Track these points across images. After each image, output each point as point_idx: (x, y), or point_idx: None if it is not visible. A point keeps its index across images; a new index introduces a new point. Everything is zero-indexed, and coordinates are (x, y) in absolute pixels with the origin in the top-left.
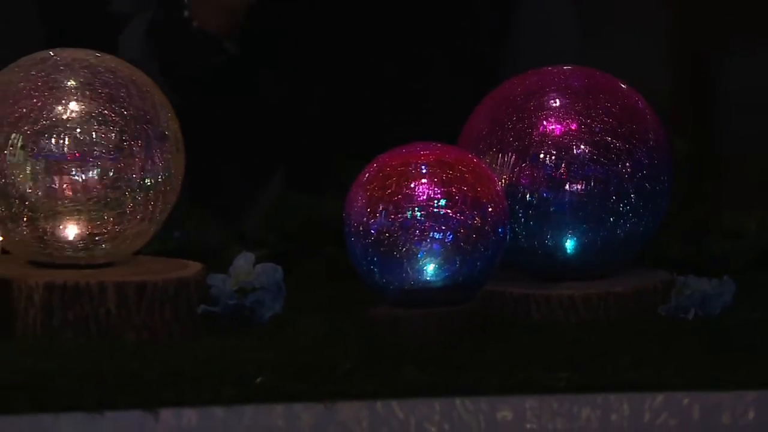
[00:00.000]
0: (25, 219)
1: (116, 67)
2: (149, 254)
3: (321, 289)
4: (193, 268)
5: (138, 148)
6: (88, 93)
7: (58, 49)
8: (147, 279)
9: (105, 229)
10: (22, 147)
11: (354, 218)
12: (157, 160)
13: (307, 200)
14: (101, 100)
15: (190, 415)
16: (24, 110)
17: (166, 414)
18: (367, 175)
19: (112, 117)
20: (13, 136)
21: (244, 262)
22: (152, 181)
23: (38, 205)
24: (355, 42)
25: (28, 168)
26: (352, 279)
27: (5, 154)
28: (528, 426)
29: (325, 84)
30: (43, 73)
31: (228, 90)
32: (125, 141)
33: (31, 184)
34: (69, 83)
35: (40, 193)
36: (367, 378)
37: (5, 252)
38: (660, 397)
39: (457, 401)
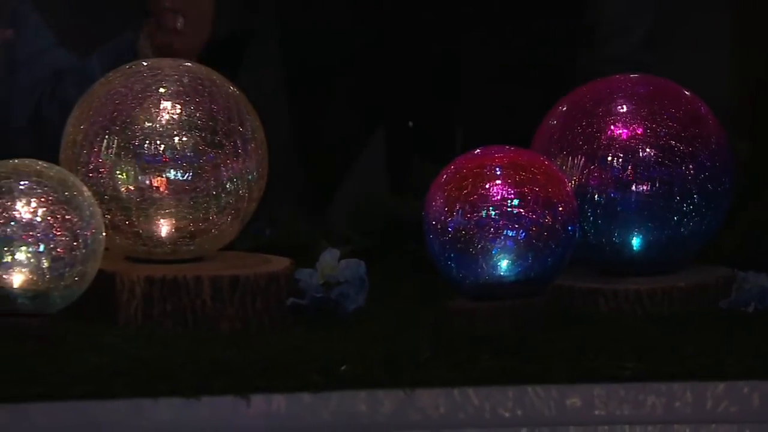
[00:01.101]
0: (122, 218)
1: (206, 74)
2: (242, 250)
3: (402, 283)
4: (282, 263)
5: (226, 150)
6: (180, 99)
7: (157, 58)
8: (240, 273)
9: (196, 226)
10: (120, 150)
11: (432, 217)
12: (244, 162)
13: (390, 200)
14: (193, 106)
15: (280, 400)
16: (121, 115)
17: (257, 399)
18: (444, 176)
19: (202, 121)
20: (112, 139)
21: (330, 258)
22: (240, 181)
23: (135, 205)
24: (433, 47)
25: (126, 170)
26: (430, 273)
27: (104, 157)
28: (596, 412)
29: (406, 89)
30: (139, 81)
31: (309, 94)
32: (215, 144)
33: (128, 184)
34: (163, 90)
35: (136, 193)
36: (444, 366)
37: (106, 248)
38: (721, 386)
39: (529, 389)
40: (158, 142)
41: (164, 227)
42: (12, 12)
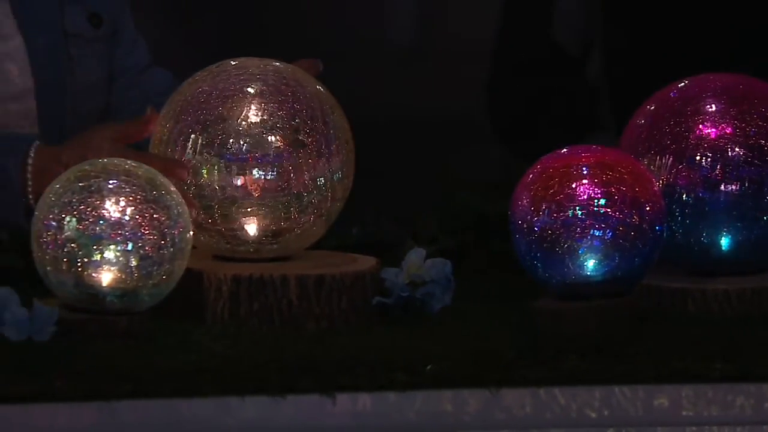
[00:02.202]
0: (209, 217)
1: (292, 74)
2: (329, 249)
3: (487, 283)
4: (368, 262)
5: (312, 150)
6: (265, 98)
7: (241, 58)
8: (326, 272)
9: (282, 225)
10: (206, 149)
11: (519, 216)
12: (328, 161)
13: (476, 199)
14: (277, 105)
15: (365, 399)
16: (207, 115)
17: (343, 398)
18: (531, 175)
19: (286, 121)
20: (199, 139)
21: (415, 257)
22: (324, 180)
23: (220, 204)
24: (520, 51)
25: (213, 169)
26: (516, 273)
27: (190, 156)
28: (684, 413)
29: (491, 89)
30: (225, 80)
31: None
32: (298, 143)
33: (215, 184)
34: (250, 89)
35: (221, 192)
36: (530, 366)
37: (193, 247)
38: None
39: (616, 389)
40: (243, 141)
41: (249, 226)
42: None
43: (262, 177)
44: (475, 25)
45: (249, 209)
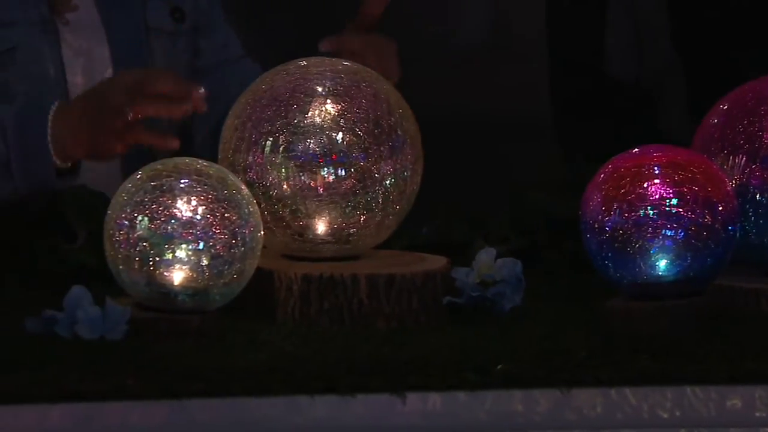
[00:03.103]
0: (280, 216)
1: (362, 74)
2: (399, 248)
3: (558, 282)
4: (438, 261)
5: (381, 149)
6: (337, 98)
7: (310, 57)
8: (396, 271)
9: (352, 224)
10: (277, 148)
11: (590, 216)
12: (399, 160)
13: (547, 199)
14: (348, 105)
15: (435, 399)
16: (278, 114)
17: (413, 398)
18: (602, 175)
19: (358, 120)
20: (269, 138)
21: (486, 257)
22: (394, 178)
23: (292, 203)
24: (590, 49)
25: (284, 168)
26: (587, 273)
27: (264, 155)
28: (757, 414)
29: (565, 90)
30: (296, 80)
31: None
32: (369, 142)
33: (285, 183)
34: (320, 89)
35: (292, 192)
36: (601, 366)
37: (264, 246)
38: None
39: (688, 389)
40: (312, 141)
41: (320, 225)
42: (204, 16)
43: (332, 176)
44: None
45: (318, 209)
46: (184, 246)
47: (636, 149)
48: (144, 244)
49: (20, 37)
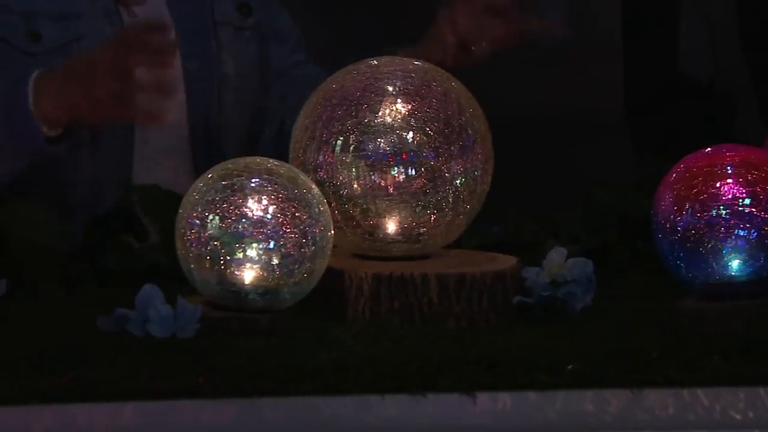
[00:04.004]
0: (350, 215)
1: (433, 74)
2: (470, 248)
3: (630, 283)
4: (509, 261)
5: (451, 149)
6: (406, 97)
7: (381, 57)
8: (466, 271)
9: (422, 224)
10: (349, 148)
11: (661, 216)
12: (469, 160)
13: (619, 199)
14: (419, 104)
15: (505, 399)
16: (349, 114)
17: (483, 397)
18: (674, 175)
19: (428, 120)
20: (340, 137)
21: (557, 256)
22: (464, 177)
23: (361, 203)
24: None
25: (354, 167)
26: (659, 273)
27: (334, 155)
28: None
29: (638, 89)
30: (366, 79)
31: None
32: (440, 141)
33: (356, 182)
34: (390, 88)
35: (363, 191)
36: (673, 366)
37: (334, 246)
38: None
39: (761, 390)
40: (385, 140)
41: (390, 225)
42: (272, 12)
43: (402, 176)
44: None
45: (389, 208)
46: (254, 245)
47: (708, 149)
48: (215, 243)
49: (86, 28)
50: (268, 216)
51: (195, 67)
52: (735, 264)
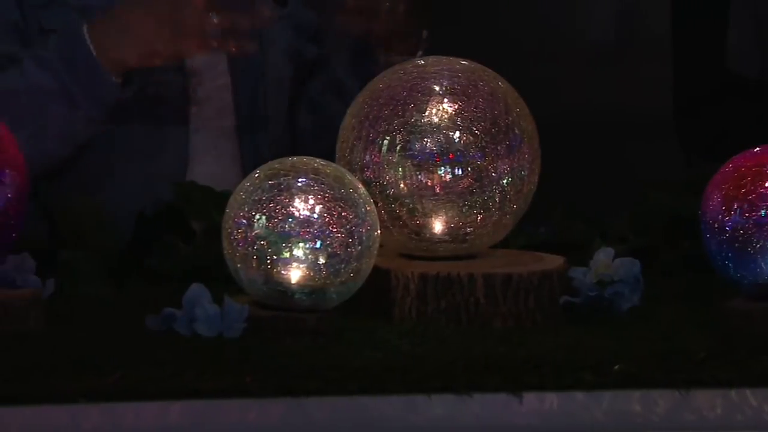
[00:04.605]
0: (397, 215)
1: (480, 73)
2: (517, 248)
3: (677, 282)
4: (555, 261)
5: (498, 148)
6: (453, 97)
7: (430, 57)
8: (513, 271)
9: (469, 223)
10: (396, 148)
11: (709, 216)
12: (516, 159)
13: (667, 198)
14: (465, 104)
15: (552, 399)
16: (395, 113)
17: (530, 397)
18: (722, 175)
19: (475, 119)
20: (386, 137)
21: (604, 256)
22: (511, 177)
23: (408, 202)
24: (713, 47)
25: (401, 167)
26: (707, 273)
27: (381, 154)
28: None
29: (687, 88)
30: (413, 79)
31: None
32: (487, 141)
33: (402, 182)
34: (437, 88)
35: (409, 191)
36: (721, 367)
37: (380, 245)
38: None
39: None
40: (432, 139)
41: (437, 224)
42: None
43: (449, 175)
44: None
45: (435, 208)
46: (301, 244)
47: (757, 148)
48: (262, 242)
49: None
50: (315, 215)
51: (240, 58)
52: None
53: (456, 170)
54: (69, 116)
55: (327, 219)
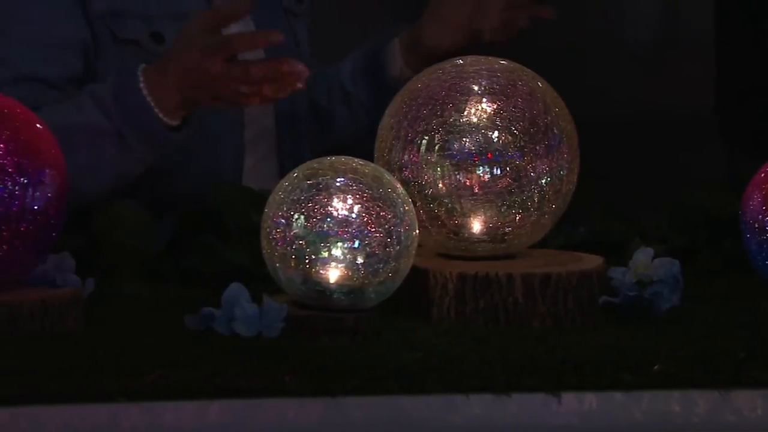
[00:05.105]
0: (435, 214)
1: (518, 73)
2: (556, 248)
3: (717, 282)
4: (594, 261)
5: (537, 148)
6: (492, 96)
7: (468, 57)
8: (552, 271)
9: (508, 223)
10: (434, 147)
11: (750, 216)
12: (555, 159)
13: (706, 198)
14: (504, 103)
15: (591, 399)
16: (435, 113)
17: (568, 397)
18: (763, 174)
19: (514, 119)
20: (426, 137)
21: (643, 256)
22: (550, 178)
23: (447, 202)
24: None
25: (439, 167)
26: (747, 273)
27: (419, 154)
28: None
29: (729, 86)
30: (452, 79)
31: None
32: (525, 141)
33: (441, 181)
34: (476, 87)
35: (449, 190)
36: (761, 367)
37: (419, 245)
38: None
39: None
40: (470, 139)
41: (476, 224)
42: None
43: (487, 175)
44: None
45: (474, 208)
46: (339, 244)
47: None
48: (300, 242)
49: None
50: (353, 215)
51: (276, 54)
52: None
53: (495, 170)
54: (121, 157)
55: (365, 219)
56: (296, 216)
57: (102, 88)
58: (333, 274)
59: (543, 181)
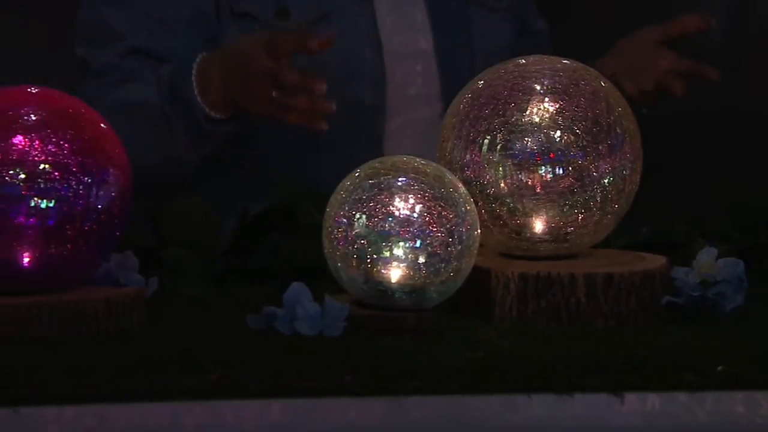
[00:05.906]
0: (497, 214)
1: (581, 72)
2: (618, 248)
3: None
4: (657, 261)
5: (599, 148)
6: (555, 96)
7: (531, 56)
8: (614, 270)
9: (570, 223)
10: (496, 147)
11: None
12: (617, 159)
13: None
14: (566, 103)
15: (654, 399)
16: (498, 112)
17: (631, 398)
18: None
19: (576, 119)
20: (488, 137)
21: (707, 256)
22: (613, 177)
23: (508, 202)
24: None
25: (501, 166)
26: None
27: (481, 154)
28: None
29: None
30: (514, 78)
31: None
32: (588, 141)
33: (503, 181)
34: (538, 87)
35: (510, 191)
36: None
37: (480, 245)
38: None
39: None
40: (532, 139)
41: (538, 224)
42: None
43: (549, 175)
44: None
45: (536, 207)
46: (401, 244)
47: None
48: (362, 241)
49: (333, 4)
50: (415, 215)
51: (447, 43)
52: None
53: (557, 170)
54: (170, 140)
55: (427, 218)
56: (358, 216)
57: (167, 70)
58: (395, 273)
59: (606, 180)
